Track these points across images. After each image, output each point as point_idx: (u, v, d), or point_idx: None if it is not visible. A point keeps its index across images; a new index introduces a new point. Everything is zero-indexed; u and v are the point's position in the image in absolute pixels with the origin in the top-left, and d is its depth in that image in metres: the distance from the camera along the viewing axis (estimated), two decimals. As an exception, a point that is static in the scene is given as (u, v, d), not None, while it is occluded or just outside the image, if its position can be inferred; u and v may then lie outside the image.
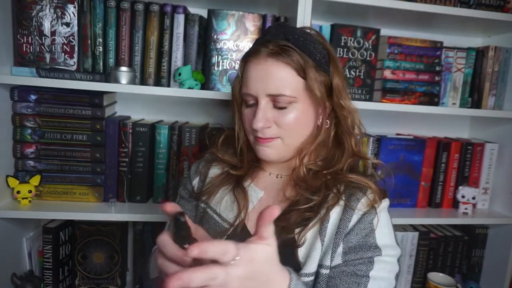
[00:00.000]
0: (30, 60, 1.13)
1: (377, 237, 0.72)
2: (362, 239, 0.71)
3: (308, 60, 0.72)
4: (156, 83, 1.20)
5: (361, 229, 0.72)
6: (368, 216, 0.72)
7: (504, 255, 1.42)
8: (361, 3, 1.15)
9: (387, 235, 0.74)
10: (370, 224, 0.72)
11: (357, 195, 0.74)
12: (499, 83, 1.40)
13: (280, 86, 0.71)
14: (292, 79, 0.72)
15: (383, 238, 0.72)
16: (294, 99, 0.72)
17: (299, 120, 0.74)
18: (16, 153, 1.16)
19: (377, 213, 0.72)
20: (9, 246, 1.20)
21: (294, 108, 0.73)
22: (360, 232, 0.72)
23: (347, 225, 0.72)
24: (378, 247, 0.71)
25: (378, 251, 0.71)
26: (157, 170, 1.24)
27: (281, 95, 0.72)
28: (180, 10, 1.18)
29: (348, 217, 0.72)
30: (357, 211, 0.72)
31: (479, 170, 1.45)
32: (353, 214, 0.72)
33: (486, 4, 1.29)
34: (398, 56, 1.30)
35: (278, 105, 0.73)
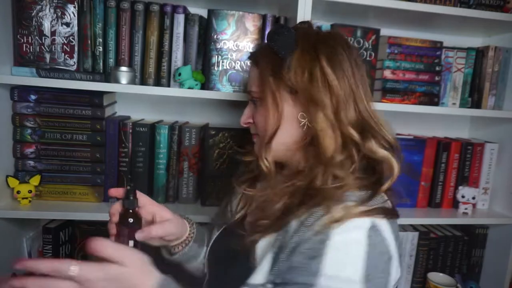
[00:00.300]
0: (30, 60, 1.13)
1: (326, 263, 0.58)
2: (306, 260, 0.60)
3: (270, 57, 0.71)
4: (156, 83, 1.20)
5: (307, 248, 0.60)
6: (320, 236, 0.60)
7: (504, 255, 1.42)
8: (361, 3, 1.15)
9: (344, 264, 0.58)
10: (320, 245, 0.59)
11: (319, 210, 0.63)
12: (499, 83, 1.40)
13: (250, 83, 0.77)
14: (256, 76, 0.74)
15: (336, 266, 0.58)
16: (258, 95, 0.74)
17: (262, 116, 0.73)
18: (16, 153, 1.16)
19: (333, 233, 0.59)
20: (9, 246, 1.20)
21: (261, 105, 0.74)
22: (304, 252, 0.60)
23: (294, 241, 0.62)
24: (319, 274, 0.58)
25: (316, 279, 0.58)
26: (157, 170, 1.24)
27: (250, 91, 0.76)
28: (180, 10, 1.18)
29: (300, 233, 0.62)
30: (311, 228, 0.61)
31: (479, 170, 1.45)
32: (306, 231, 0.62)
33: (486, 4, 1.29)
34: (398, 56, 1.30)
35: (254, 102, 0.77)
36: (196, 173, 1.26)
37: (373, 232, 0.60)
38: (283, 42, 0.70)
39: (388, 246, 0.61)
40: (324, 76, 0.67)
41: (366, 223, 0.60)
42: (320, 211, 0.62)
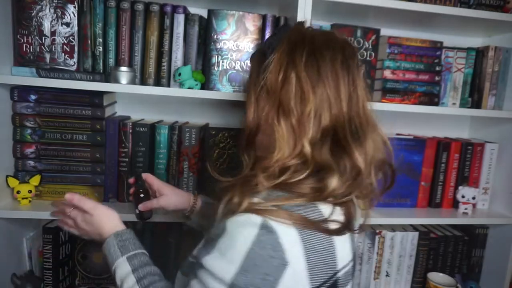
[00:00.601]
0: (30, 60, 1.13)
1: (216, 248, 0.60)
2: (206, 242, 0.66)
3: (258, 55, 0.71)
4: (156, 83, 1.20)
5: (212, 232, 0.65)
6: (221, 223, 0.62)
7: (504, 255, 1.42)
8: (361, 3, 1.15)
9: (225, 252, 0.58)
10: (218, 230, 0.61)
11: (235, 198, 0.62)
12: (499, 83, 1.40)
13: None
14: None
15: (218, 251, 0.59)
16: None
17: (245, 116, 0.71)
18: (16, 153, 1.16)
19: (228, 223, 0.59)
20: (9, 246, 1.20)
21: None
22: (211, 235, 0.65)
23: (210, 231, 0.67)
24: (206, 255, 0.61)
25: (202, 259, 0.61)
26: (157, 170, 1.24)
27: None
28: (180, 10, 1.18)
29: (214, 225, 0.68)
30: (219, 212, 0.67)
31: (479, 170, 1.45)
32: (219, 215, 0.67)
33: (486, 4, 1.29)
34: (398, 56, 1.30)
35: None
36: (196, 173, 1.26)
37: (265, 232, 0.56)
38: (271, 41, 0.68)
39: (284, 252, 0.56)
40: (299, 81, 0.63)
41: (257, 220, 0.57)
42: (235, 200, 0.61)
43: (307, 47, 0.64)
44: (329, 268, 0.60)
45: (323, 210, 0.61)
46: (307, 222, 0.58)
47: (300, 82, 0.62)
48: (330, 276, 0.61)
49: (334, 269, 0.61)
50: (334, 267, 0.61)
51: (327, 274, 0.60)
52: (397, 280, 1.43)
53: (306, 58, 0.63)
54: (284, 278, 0.57)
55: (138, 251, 0.77)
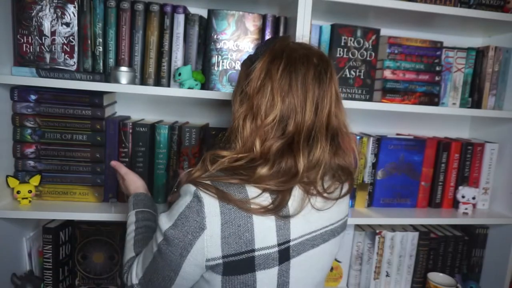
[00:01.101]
0: (30, 60, 1.13)
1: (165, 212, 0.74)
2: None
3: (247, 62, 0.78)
4: (156, 83, 1.20)
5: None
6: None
7: (504, 255, 1.42)
8: (361, 3, 1.15)
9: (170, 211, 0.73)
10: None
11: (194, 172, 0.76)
12: (499, 83, 1.40)
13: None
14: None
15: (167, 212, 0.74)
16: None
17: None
18: (16, 153, 1.16)
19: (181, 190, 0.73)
20: (9, 246, 1.20)
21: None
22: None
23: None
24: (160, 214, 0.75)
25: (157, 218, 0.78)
26: (157, 170, 1.24)
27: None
28: (180, 10, 1.18)
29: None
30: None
31: (479, 170, 1.45)
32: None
33: (486, 4, 1.29)
34: (398, 56, 1.30)
35: None
36: (196, 173, 1.26)
37: (195, 200, 0.68)
38: (259, 50, 0.76)
39: (204, 218, 0.67)
40: (272, 90, 0.71)
41: (192, 190, 0.69)
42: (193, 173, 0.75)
43: (284, 61, 0.72)
44: (243, 243, 0.69)
45: (249, 192, 0.69)
46: (229, 199, 0.68)
47: (272, 91, 0.71)
48: (244, 251, 0.69)
49: (249, 246, 0.69)
50: (249, 244, 0.69)
51: (241, 248, 0.69)
52: (397, 280, 1.43)
53: (281, 71, 0.72)
54: (200, 239, 0.68)
55: (146, 209, 0.95)
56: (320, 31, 1.26)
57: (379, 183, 1.37)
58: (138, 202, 0.96)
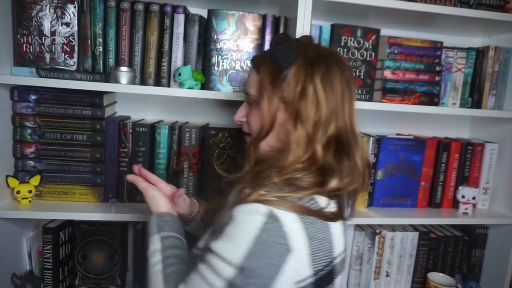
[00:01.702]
0: (30, 60, 1.13)
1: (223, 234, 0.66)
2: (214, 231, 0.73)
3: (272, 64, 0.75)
4: (156, 83, 1.20)
5: (221, 221, 0.71)
6: (229, 212, 0.68)
7: (504, 255, 1.42)
8: (361, 3, 1.15)
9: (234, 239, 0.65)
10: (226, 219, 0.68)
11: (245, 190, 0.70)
12: (499, 83, 1.40)
13: (248, 85, 0.81)
14: (255, 80, 0.78)
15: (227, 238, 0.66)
16: (256, 98, 0.77)
17: (257, 120, 0.77)
18: (16, 153, 1.16)
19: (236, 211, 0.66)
20: (9, 246, 1.20)
21: (256, 108, 0.78)
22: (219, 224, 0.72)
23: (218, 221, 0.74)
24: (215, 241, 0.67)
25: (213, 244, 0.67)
26: (157, 170, 1.24)
27: (247, 93, 0.81)
28: (180, 10, 1.18)
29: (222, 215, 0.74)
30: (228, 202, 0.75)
31: (479, 170, 1.45)
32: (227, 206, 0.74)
33: (486, 4, 1.29)
34: (398, 56, 1.30)
35: (250, 103, 0.81)
36: (196, 173, 1.26)
37: (271, 220, 0.63)
38: (284, 53, 0.74)
39: (288, 239, 0.63)
40: (315, 93, 0.71)
41: (263, 209, 0.64)
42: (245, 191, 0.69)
43: (323, 64, 0.73)
44: (328, 255, 0.68)
45: (320, 202, 0.69)
46: (308, 211, 0.65)
47: (316, 95, 0.71)
48: (328, 263, 0.68)
49: (331, 255, 0.68)
50: (331, 254, 0.68)
51: (326, 260, 0.67)
52: (397, 280, 1.43)
53: (322, 73, 0.72)
54: (288, 263, 0.63)
55: (172, 234, 0.81)
56: (320, 31, 1.26)
57: (379, 183, 1.37)
58: (162, 225, 0.83)
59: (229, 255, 0.63)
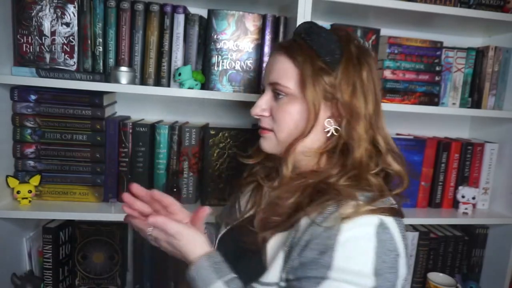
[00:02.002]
0: (30, 60, 1.13)
1: (337, 256, 0.61)
2: (317, 255, 0.62)
3: (313, 56, 0.70)
4: (156, 83, 1.20)
5: (318, 243, 0.63)
6: (330, 231, 0.62)
7: (504, 255, 1.42)
8: (361, 3, 1.15)
9: (355, 258, 0.61)
10: (330, 240, 0.62)
11: (330, 207, 0.65)
12: (499, 83, 1.40)
13: (277, 76, 0.73)
14: (290, 70, 0.72)
15: (347, 260, 0.61)
16: (290, 91, 0.72)
17: (290, 116, 0.72)
18: (16, 153, 1.16)
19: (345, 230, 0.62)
20: (9, 246, 1.20)
21: (289, 101, 0.72)
22: (315, 247, 0.63)
23: (305, 238, 0.64)
24: (331, 268, 0.60)
25: (328, 272, 0.60)
26: (157, 170, 1.24)
27: (277, 83, 0.73)
28: (180, 10, 1.18)
29: (310, 230, 0.65)
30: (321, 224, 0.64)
31: (479, 170, 1.45)
32: (317, 228, 0.64)
33: (486, 4, 1.29)
34: (398, 56, 1.30)
35: (278, 96, 0.74)
36: (196, 173, 1.26)
37: (381, 230, 0.62)
38: (327, 47, 0.70)
39: (396, 244, 0.63)
40: (363, 89, 0.70)
41: (374, 220, 0.63)
42: (331, 208, 0.65)
43: (366, 59, 0.72)
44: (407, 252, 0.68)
45: (392, 200, 0.70)
46: (397, 212, 0.66)
47: (364, 90, 0.71)
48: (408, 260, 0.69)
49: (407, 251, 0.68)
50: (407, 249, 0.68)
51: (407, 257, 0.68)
52: (397, 280, 1.43)
53: (367, 69, 0.72)
54: (400, 268, 0.63)
55: (232, 275, 0.70)
56: (320, 31, 1.26)
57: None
58: (220, 267, 0.69)
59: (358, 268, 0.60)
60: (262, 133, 0.78)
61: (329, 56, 0.70)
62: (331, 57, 0.70)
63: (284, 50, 0.74)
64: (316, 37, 0.71)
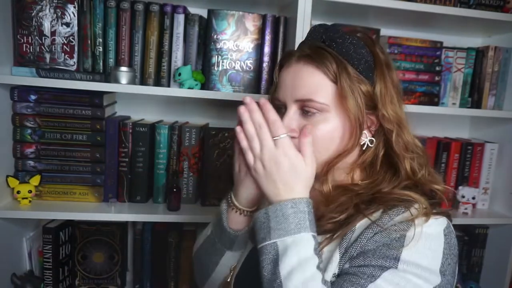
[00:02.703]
0: (30, 60, 1.13)
1: (405, 252, 0.58)
2: (383, 247, 0.59)
3: (345, 65, 0.64)
4: (156, 83, 1.20)
5: (383, 236, 0.59)
6: (399, 225, 0.60)
7: (504, 255, 1.42)
8: (361, 3, 1.15)
9: (425, 253, 0.59)
10: (399, 234, 0.59)
11: (395, 210, 0.62)
12: (499, 83, 1.40)
13: (309, 91, 0.65)
14: (324, 84, 0.65)
15: (415, 255, 0.58)
16: (325, 107, 0.65)
17: (329, 134, 0.66)
18: (16, 153, 1.16)
19: (415, 226, 0.59)
20: (9, 246, 1.20)
21: (325, 119, 0.65)
22: (380, 240, 0.60)
23: (366, 236, 0.61)
24: (397, 259, 0.58)
25: (393, 263, 0.57)
26: (157, 170, 1.24)
27: (310, 100, 0.65)
28: (180, 10, 1.18)
29: (370, 229, 0.61)
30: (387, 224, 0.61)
31: (479, 170, 1.45)
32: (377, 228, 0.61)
33: (486, 4, 1.29)
34: (398, 56, 1.30)
35: (307, 113, 0.66)
36: (196, 173, 1.26)
37: (448, 232, 0.62)
38: (357, 53, 0.65)
39: (456, 248, 0.63)
40: (398, 94, 0.68)
41: (444, 222, 0.63)
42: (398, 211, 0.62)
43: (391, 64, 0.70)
44: None
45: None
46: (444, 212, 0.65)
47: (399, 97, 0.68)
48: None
49: None
50: None
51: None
52: (397, 280, 1.43)
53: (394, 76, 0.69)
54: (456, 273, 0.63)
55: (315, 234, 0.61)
56: (320, 31, 1.26)
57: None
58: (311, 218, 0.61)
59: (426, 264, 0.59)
60: None
61: (362, 64, 0.65)
62: (364, 64, 0.65)
63: (311, 60, 0.66)
64: (342, 43, 0.65)
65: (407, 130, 0.68)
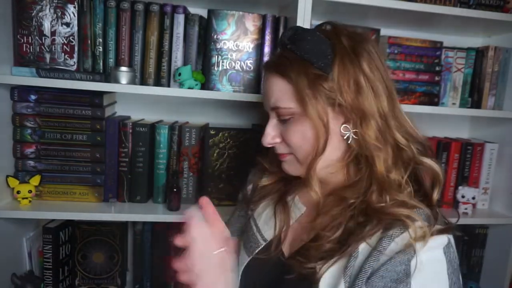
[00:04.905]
0: (30, 60, 1.13)
1: (413, 283, 0.57)
2: (391, 284, 0.57)
3: (305, 66, 0.64)
4: (156, 83, 1.20)
5: (389, 271, 0.58)
6: (402, 256, 0.58)
7: (504, 255, 1.42)
8: (361, 3, 1.15)
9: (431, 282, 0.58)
10: (404, 266, 0.57)
11: (393, 231, 0.60)
12: (499, 83, 1.40)
13: (276, 98, 0.67)
14: (287, 89, 0.66)
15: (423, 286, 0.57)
16: (294, 111, 0.66)
17: (305, 135, 0.66)
18: (16, 153, 1.16)
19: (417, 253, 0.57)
20: (9, 246, 1.20)
21: (296, 121, 0.66)
22: (387, 275, 0.58)
23: (371, 265, 0.59)
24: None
25: None
26: (157, 170, 1.24)
27: (277, 107, 0.67)
28: (180, 10, 1.18)
29: (374, 257, 0.60)
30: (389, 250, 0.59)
31: (479, 170, 1.45)
32: (380, 255, 0.59)
33: (486, 4, 1.29)
34: (398, 56, 1.30)
35: (281, 119, 0.68)
36: (196, 173, 1.26)
37: (447, 249, 0.60)
38: (315, 50, 0.64)
39: (457, 260, 0.61)
40: (369, 82, 0.64)
41: (444, 240, 0.60)
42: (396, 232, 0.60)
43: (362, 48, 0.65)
44: None
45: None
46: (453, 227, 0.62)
47: (370, 83, 0.64)
48: None
49: None
50: None
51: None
52: (397, 280, 1.43)
53: (367, 59, 0.64)
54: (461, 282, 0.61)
55: None
56: (320, 31, 1.26)
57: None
58: None
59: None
60: (282, 157, 0.72)
61: (321, 60, 0.64)
62: (324, 60, 0.64)
63: (274, 69, 0.68)
64: (302, 43, 0.65)
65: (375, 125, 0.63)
